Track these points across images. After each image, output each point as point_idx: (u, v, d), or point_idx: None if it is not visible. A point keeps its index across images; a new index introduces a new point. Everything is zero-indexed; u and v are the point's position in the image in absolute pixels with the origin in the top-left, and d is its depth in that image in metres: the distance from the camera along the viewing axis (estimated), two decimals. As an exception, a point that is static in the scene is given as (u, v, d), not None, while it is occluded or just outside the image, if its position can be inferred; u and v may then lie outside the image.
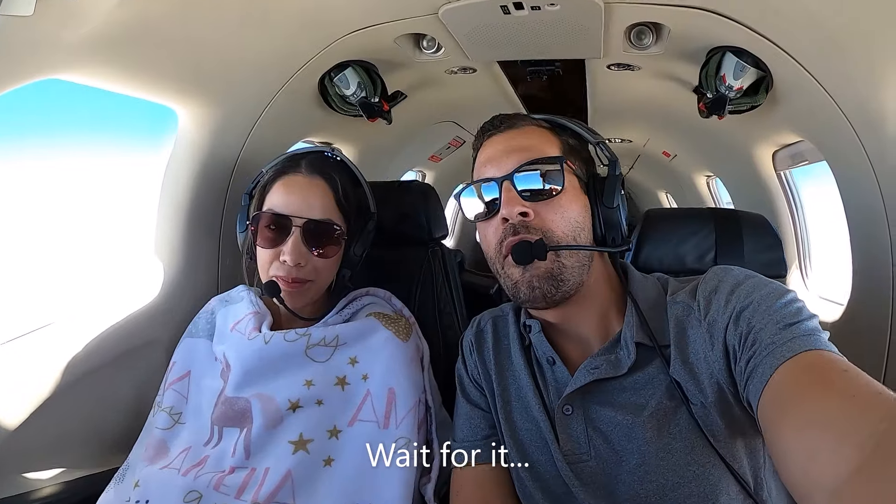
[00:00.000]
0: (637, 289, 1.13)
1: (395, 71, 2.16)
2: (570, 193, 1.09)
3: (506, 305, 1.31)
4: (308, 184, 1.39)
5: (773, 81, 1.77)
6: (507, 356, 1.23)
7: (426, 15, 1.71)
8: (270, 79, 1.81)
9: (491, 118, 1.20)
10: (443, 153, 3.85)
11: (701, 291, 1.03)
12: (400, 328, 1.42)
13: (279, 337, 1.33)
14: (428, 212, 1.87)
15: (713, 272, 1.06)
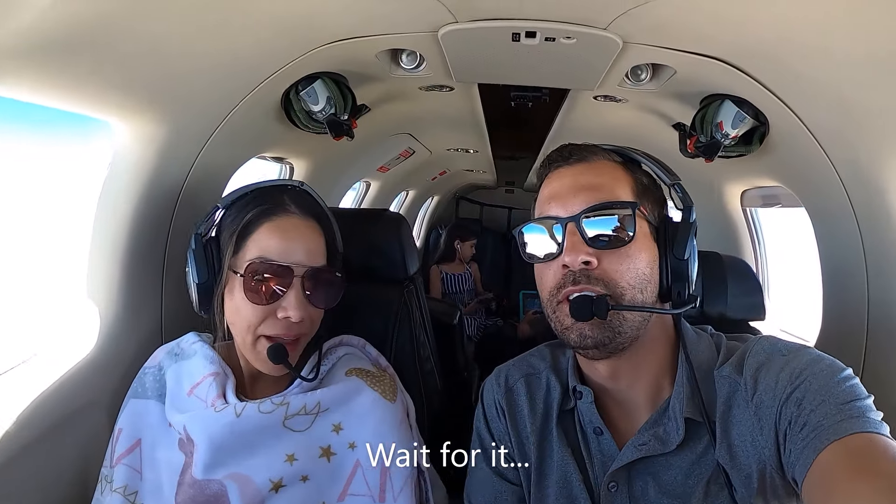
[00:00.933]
0: (691, 349, 1.04)
1: (366, 84, 2.03)
2: (641, 242, 1.00)
3: (536, 360, 1.22)
4: (304, 227, 1.23)
5: (769, 132, 1.76)
6: (546, 424, 1.14)
7: (423, 32, 1.59)
8: (229, 91, 1.62)
9: (559, 147, 1.10)
10: (391, 163, 3.74)
11: (748, 366, 0.97)
12: (386, 387, 1.30)
13: (252, 408, 1.17)
14: (402, 245, 1.74)
15: (760, 344, 1.00)
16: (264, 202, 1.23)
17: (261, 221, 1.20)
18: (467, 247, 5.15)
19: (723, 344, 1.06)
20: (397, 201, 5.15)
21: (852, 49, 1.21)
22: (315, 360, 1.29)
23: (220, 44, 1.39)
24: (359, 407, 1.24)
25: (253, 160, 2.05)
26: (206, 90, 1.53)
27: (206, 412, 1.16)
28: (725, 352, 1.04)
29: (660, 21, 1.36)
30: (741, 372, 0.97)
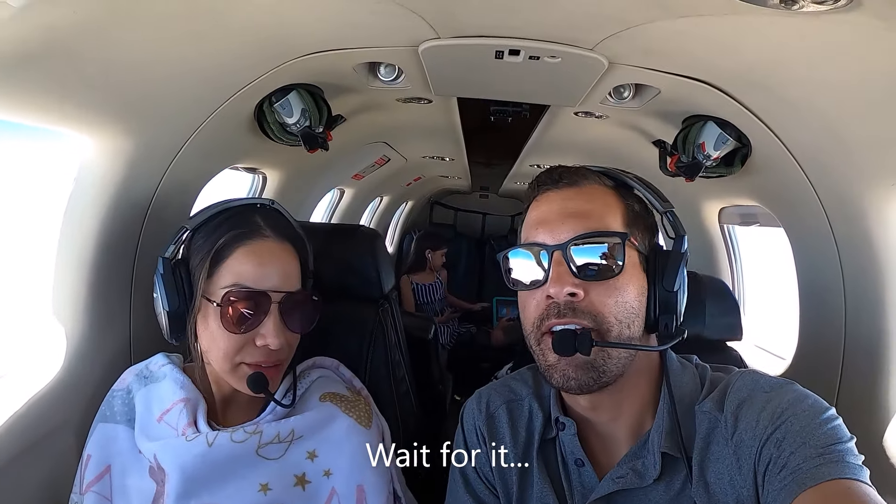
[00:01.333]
0: (675, 382, 1.01)
1: (342, 95, 1.98)
2: (630, 273, 0.96)
3: (519, 385, 1.17)
4: (280, 250, 1.18)
5: (752, 154, 1.76)
6: (527, 453, 1.10)
7: (403, 47, 1.55)
8: (200, 103, 1.57)
9: (549, 169, 1.05)
10: (366, 171, 3.68)
11: (730, 403, 0.94)
12: (361, 412, 1.26)
13: (225, 437, 1.13)
14: (377, 262, 1.68)
15: (742, 380, 0.96)
16: (237, 225, 1.16)
17: (234, 246, 1.14)
18: (438, 256, 5.10)
19: (707, 376, 1.03)
20: (371, 207, 5.08)
21: (844, 81, 1.20)
22: (290, 383, 1.26)
23: (190, 55, 1.34)
24: (334, 434, 1.20)
25: (224, 171, 1.99)
26: (176, 102, 1.48)
27: (177, 441, 1.12)
28: (709, 385, 1.00)
29: (648, 44, 1.33)
30: (722, 408, 0.94)
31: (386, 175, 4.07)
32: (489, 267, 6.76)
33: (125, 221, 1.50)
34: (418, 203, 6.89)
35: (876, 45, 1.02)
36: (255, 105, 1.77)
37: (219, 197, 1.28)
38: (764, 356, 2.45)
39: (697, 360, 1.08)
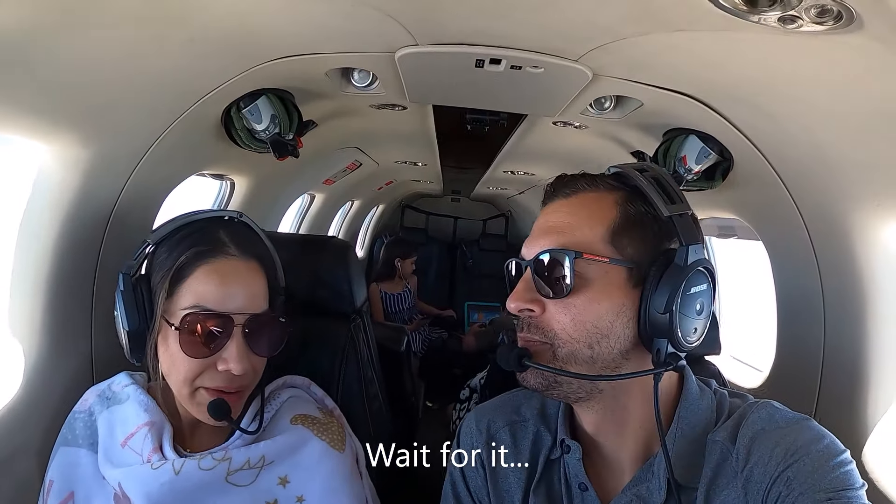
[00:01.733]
0: (688, 411, 0.95)
1: (314, 100, 1.92)
2: (597, 290, 0.90)
3: (522, 404, 1.12)
4: (245, 269, 1.10)
5: (733, 169, 1.74)
6: (530, 477, 1.06)
7: (378, 53, 1.50)
8: (164, 109, 1.50)
9: (557, 177, 1.00)
10: (337, 176, 3.61)
11: (743, 435, 0.90)
12: (334, 434, 1.20)
13: (192, 465, 1.07)
14: (350, 276, 1.62)
15: (758, 412, 0.92)
16: (199, 241, 1.09)
17: (196, 264, 1.07)
18: (408, 264, 4.99)
19: (725, 405, 0.98)
20: (342, 212, 5.00)
21: (835, 102, 1.18)
22: (258, 406, 1.19)
23: (151, 59, 1.28)
24: (306, 459, 1.15)
25: (191, 178, 1.92)
26: (138, 108, 1.42)
27: (143, 469, 1.06)
28: (725, 415, 0.96)
29: (635, 56, 1.30)
30: (734, 440, 0.90)
31: (357, 180, 4.01)
32: (460, 271, 6.74)
33: (85, 232, 1.43)
34: (389, 207, 6.85)
35: (873, 68, 0.99)
36: (223, 110, 1.70)
37: (184, 204, 1.21)
38: (740, 368, 2.44)
39: (716, 385, 1.03)
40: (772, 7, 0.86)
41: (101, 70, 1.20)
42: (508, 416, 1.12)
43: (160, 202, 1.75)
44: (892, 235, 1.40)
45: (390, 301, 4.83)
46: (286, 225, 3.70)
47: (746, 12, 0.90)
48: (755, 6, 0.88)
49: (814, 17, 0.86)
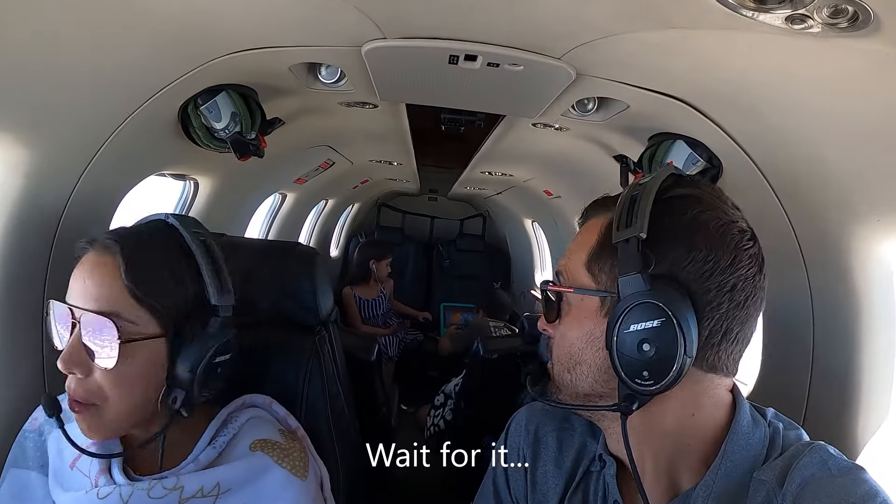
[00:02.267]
0: (736, 445, 0.86)
1: (279, 97, 1.83)
2: (573, 317, 0.90)
3: (571, 416, 1.09)
4: (94, 264, 0.99)
5: (722, 176, 1.67)
6: (568, 485, 1.04)
7: (344, 47, 1.41)
8: (114, 107, 1.42)
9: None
10: (310, 175, 3.51)
11: (792, 480, 0.81)
12: (295, 461, 1.13)
13: (141, 495, 1.01)
14: (315, 286, 1.53)
15: (811, 456, 0.82)
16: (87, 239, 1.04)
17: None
18: (383, 266, 4.83)
19: (779, 439, 0.88)
20: (315, 211, 4.88)
21: (839, 110, 1.12)
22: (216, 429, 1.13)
23: (98, 54, 1.22)
24: (267, 489, 1.08)
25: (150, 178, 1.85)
26: (86, 106, 1.34)
27: (90, 497, 1.01)
28: (777, 451, 0.87)
29: (622, 56, 1.23)
30: (782, 483, 0.82)
31: (331, 178, 3.91)
32: (437, 271, 6.67)
33: (31, 240, 1.37)
34: (365, 205, 6.77)
35: (885, 76, 0.92)
36: (179, 107, 1.61)
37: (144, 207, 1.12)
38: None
39: (774, 413, 0.93)
40: (781, 4, 0.78)
41: (41, 65, 1.13)
42: (558, 422, 1.10)
43: (115, 205, 1.67)
44: (891, 251, 1.36)
45: (365, 307, 4.70)
46: (256, 225, 3.59)
47: (753, 9, 0.81)
48: (763, 3, 0.79)
49: (826, 18, 0.78)
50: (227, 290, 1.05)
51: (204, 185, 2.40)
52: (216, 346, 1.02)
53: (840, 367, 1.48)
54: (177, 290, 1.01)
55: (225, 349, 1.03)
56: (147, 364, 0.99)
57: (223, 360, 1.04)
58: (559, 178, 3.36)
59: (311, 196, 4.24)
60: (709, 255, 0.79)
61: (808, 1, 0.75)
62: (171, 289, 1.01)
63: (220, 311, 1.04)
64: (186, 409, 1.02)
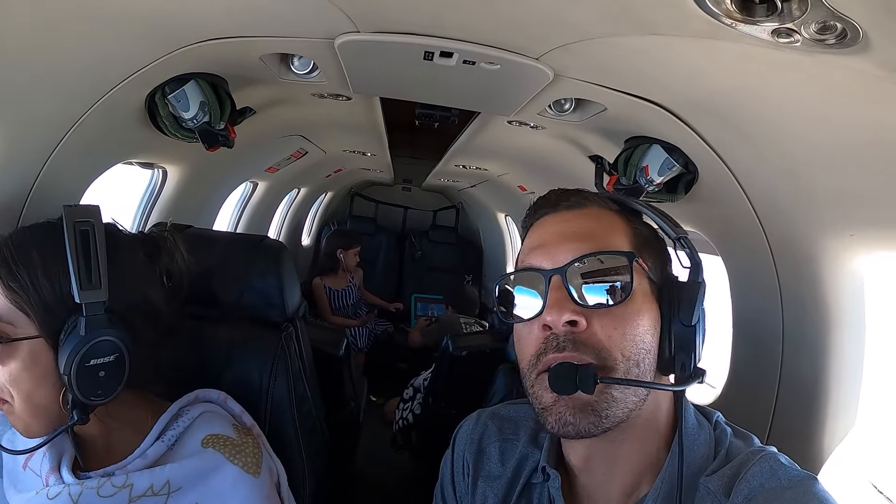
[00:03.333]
0: (688, 442, 0.86)
1: (249, 87, 1.78)
2: (640, 301, 0.84)
3: (521, 422, 1.07)
4: None
5: (697, 182, 1.67)
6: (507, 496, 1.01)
7: (316, 39, 1.37)
8: (76, 96, 1.38)
9: (548, 193, 0.96)
10: (282, 164, 3.44)
11: (739, 491, 0.79)
12: (248, 458, 1.11)
13: (91, 494, 1.00)
14: (282, 282, 1.50)
15: (760, 466, 0.81)
16: None
17: None
18: (351, 255, 4.75)
19: (725, 444, 0.88)
20: (287, 200, 4.82)
21: (819, 126, 1.10)
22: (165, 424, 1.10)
23: (63, 40, 1.19)
24: (219, 486, 1.06)
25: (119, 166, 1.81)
26: (49, 94, 1.31)
27: (40, 498, 1.00)
28: (724, 456, 0.87)
29: (601, 59, 1.21)
30: (729, 494, 0.80)
31: (303, 167, 3.86)
32: (409, 263, 6.65)
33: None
34: (338, 194, 6.70)
35: (870, 95, 0.90)
36: (147, 96, 1.56)
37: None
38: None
39: (720, 417, 0.94)
40: (768, 17, 0.75)
41: (2, 51, 1.11)
42: (504, 433, 1.07)
43: (80, 194, 1.64)
44: (864, 266, 1.37)
45: (335, 297, 4.65)
46: (227, 212, 3.54)
47: (738, 21, 0.78)
48: (751, 14, 0.76)
49: (813, 34, 0.75)
50: (96, 286, 0.97)
51: (173, 173, 2.35)
52: (84, 347, 0.95)
53: (808, 376, 1.48)
54: (51, 291, 0.97)
55: (106, 350, 0.96)
56: (32, 364, 0.96)
57: (106, 363, 0.96)
58: (534, 174, 3.35)
59: (283, 185, 4.19)
60: None
61: (797, 15, 0.72)
62: (46, 290, 0.96)
63: (85, 310, 0.96)
64: (78, 412, 0.97)
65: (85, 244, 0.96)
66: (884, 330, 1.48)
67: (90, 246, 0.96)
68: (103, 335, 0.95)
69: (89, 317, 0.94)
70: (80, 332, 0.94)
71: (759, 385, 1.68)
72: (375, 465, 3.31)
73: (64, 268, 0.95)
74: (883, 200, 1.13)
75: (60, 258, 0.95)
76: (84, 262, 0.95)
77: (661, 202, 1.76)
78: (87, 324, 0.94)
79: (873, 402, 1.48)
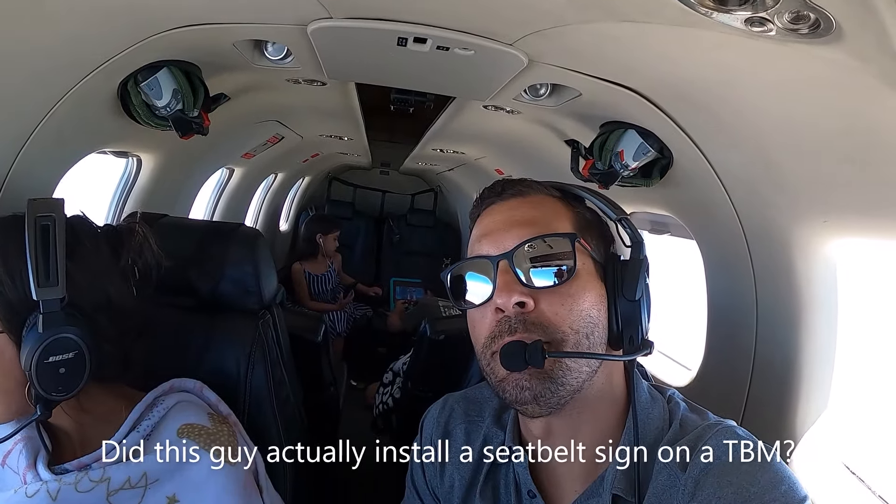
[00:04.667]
0: (641, 414, 0.91)
1: (223, 73, 1.75)
2: (584, 279, 0.89)
3: (485, 405, 1.10)
4: None
5: (672, 167, 1.67)
6: (474, 478, 1.03)
7: (289, 25, 1.35)
8: (50, 83, 1.35)
9: (493, 184, 1.00)
10: (258, 150, 3.40)
11: (694, 465, 0.82)
12: (223, 446, 1.11)
13: (69, 490, 0.99)
14: (258, 270, 1.49)
15: (716, 438, 0.84)
16: None
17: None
18: (330, 240, 4.78)
19: (678, 417, 0.92)
20: (264, 185, 4.77)
21: (793, 115, 1.12)
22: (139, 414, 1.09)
23: (32, 28, 1.15)
24: (195, 476, 1.06)
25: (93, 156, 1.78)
26: (18, 85, 1.28)
27: (19, 496, 0.99)
28: (677, 429, 0.90)
29: (575, 45, 1.20)
30: (685, 468, 0.83)
31: (280, 153, 3.82)
32: (387, 247, 6.63)
33: None
34: (316, 178, 6.64)
35: (843, 86, 0.91)
36: (119, 84, 1.53)
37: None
38: (668, 364, 2.42)
39: (676, 394, 0.97)
40: (742, 6, 0.75)
41: None
42: (469, 415, 1.10)
43: (54, 185, 1.62)
44: (836, 251, 1.39)
45: (314, 282, 4.66)
46: (203, 199, 3.50)
47: (712, 9, 0.78)
48: (724, 3, 0.77)
49: (786, 23, 0.75)
50: (53, 283, 0.96)
51: (147, 161, 2.31)
52: (42, 345, 0.94)
53: (781, 359, 1.51)
54: (12, 287, 0.96)
55: (65, 347, 0.95)
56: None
57: (66, 359, 0.96)
58: (511, 158, 3.35)
59: (259, 170, 4.15)
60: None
61: (770, 5, 0.72)
62: (7, 286, 0.96)
63: (42, 307, 0.95)
64: (41, 407, 0.97)
65: (45, 240, 0.95)
66: (856, 315, 1.51)
67: (49, 242, 0.95)
68: (61, 332, 0.94)
69: (46, 314, 0.93)
70: (38, 329, 0.94)
71: (734, 367, 1.71)
72: (356, 449, 3.32)
73: (25, 264, 0.94)
74: (855, 188, 1.15)
75: (22, 254, 0.94)
76: (43, 258, 0.94)
77: (637, 186, 1.77)
78: (45, 321, 0.93)
79: (846, 385, 1.50)
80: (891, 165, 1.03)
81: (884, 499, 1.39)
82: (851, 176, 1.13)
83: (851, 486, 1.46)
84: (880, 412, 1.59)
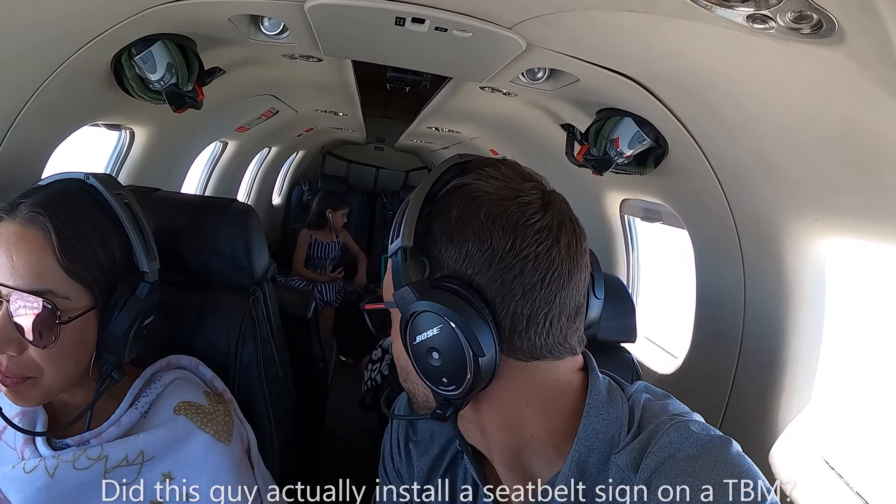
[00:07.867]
0: (590, 430, 0.79)
1: (218, 47, 1.73)
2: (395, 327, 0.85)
3: None
4: (20, 237, 0.92)
5: (667, 156, 1.68)
6: (433, 470, 0.99)
7: (286, 1, 1.33)
8: (40, 58, 1.34)
9: None
10: (252, 123, 3.38)
11: (647, 465, 0.73)
12: (219, 425, 1.10)
13: (67, 467, 0.99)
14: (249, 246, 1.47)
15: (669, 435, 0.74)
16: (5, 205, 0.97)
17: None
18: (339, 216, 5.09)
19: (637, 413, 0.80)
20: (258, 159, 4.79)
21: (790, 114, 1.12)
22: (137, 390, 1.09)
23: (20, 4, 1.14)
24: (190, 454, 1.06)
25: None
26: (11, 58, 1.27)
27: (16, 472, 0.99)
28: (635, 429, 0.78)
29: (575, 31, 1.19)
30: (637, 468, 0.74)
31: (274, 127, 3.80)
32: (379, 223, 6.62)
33: None
34: (310, 153, 6.60)
35: (842, 87, 0.91)
36: (112, 57, 1.52)
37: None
38: (655, 351, 2.44)
39: (639, 386, 0.86)
40: (744, 2, 0.75)
41: None
42: None
43: (45, 157, 1.62)
44: (826, 250, 1.40)
45: (318, 246, 4.96)
46: (196, 172, 3.48)
47: (714, 4, 0.78)
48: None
49: (788, 22, 0.75)
50: (153, 254, 1.01)
51: (140, 134, 2.28)
52: (144, 310, 1.00)
53: (767, 352, 1.53)
54: (106, 259, 0.97)
55: (150, 311, 1.02)
56: (80, 336, 0.95)
57: (149, 322, 1.02)
58: (506, 139, 3.34)
59: (253, 144, 4.13)
60: (482, 245, 0.74)
61: (773, 3, 0.72)
62: (101, 258, 0.97)
63: (149, 277, 1.00)
64: (118, 373, 1.00)
65: (134, 213, 1.00)
66: (845, 314, 1.53)
67: (138, 215, 1.00)
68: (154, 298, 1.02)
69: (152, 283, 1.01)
70: (138, 297, 0.99)
71: (720, 358, 1.72)
72: (345, 425, 3.35)
73: (114, 236, 0.98)
74: (849, 189, 1.16)
75: (105, 227, 0.97)
76: (139, 231, 0.99)
77: (630, 174, 1.78)
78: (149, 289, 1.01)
79: (829, 381, 1.53)
80: (886, 171, 1.03)
81: (861, 495, 1.41)
82: (846, 178, 1.13)
83: (829, 481, 1.48)
84: (862, 410, 1.61)
